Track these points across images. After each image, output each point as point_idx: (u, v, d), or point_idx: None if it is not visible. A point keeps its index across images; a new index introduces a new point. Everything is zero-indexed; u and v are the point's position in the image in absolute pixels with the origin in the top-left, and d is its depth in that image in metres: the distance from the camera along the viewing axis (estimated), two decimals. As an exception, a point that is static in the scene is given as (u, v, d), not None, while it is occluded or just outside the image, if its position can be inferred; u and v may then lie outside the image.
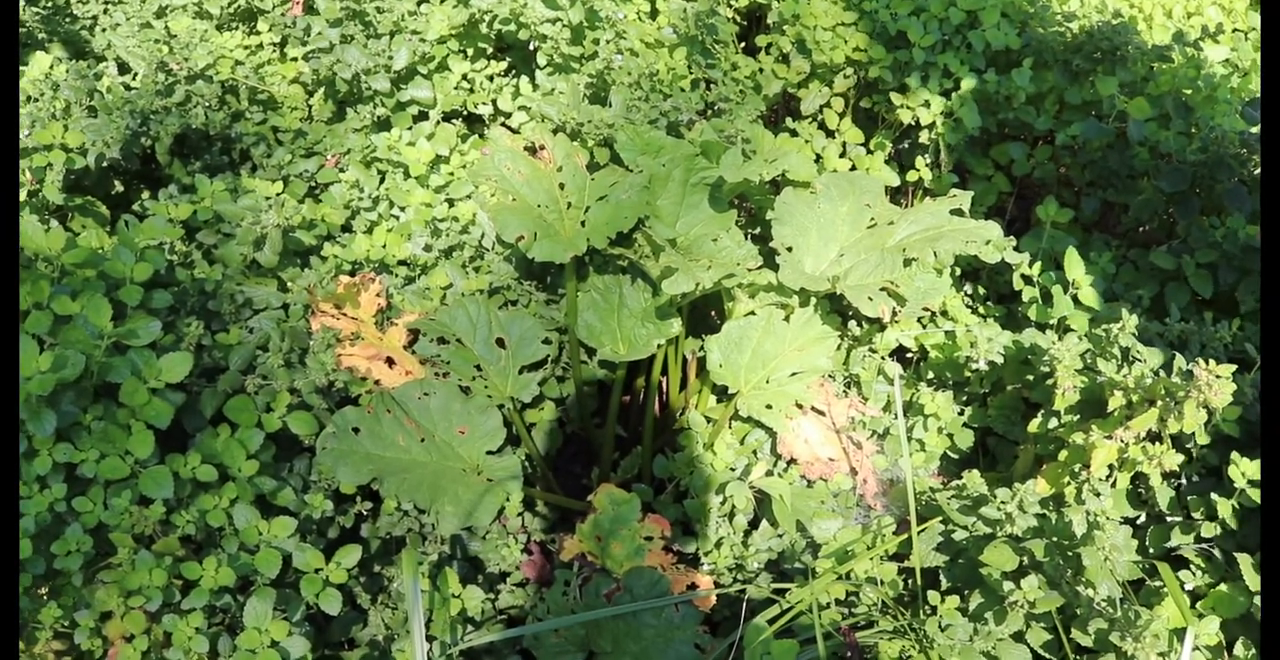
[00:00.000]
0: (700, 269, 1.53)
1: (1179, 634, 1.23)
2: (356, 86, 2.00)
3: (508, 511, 1.57)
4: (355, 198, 1.88)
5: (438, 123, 1.98)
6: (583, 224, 1.65)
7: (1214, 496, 1.31)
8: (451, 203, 1.88)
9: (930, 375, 1.67)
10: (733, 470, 1.61)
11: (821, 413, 1.65)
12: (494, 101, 2.01)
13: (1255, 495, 1.29)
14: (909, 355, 1.71)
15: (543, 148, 1.67)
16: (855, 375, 1.68)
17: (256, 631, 1.40)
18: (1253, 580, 1.23)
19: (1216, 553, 1.28)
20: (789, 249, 1.64)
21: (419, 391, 1.61)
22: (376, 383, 1.64)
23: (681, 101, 1.80)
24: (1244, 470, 1.31)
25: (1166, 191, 1.71)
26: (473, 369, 1.65)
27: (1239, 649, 1.22)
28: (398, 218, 1.89)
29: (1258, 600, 1.23)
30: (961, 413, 1.60)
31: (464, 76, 2.01)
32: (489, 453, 1.60)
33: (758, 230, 1.83)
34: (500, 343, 1.67)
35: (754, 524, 1.60)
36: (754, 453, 1.63)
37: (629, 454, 1.77)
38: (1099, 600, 1.23)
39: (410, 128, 1.97)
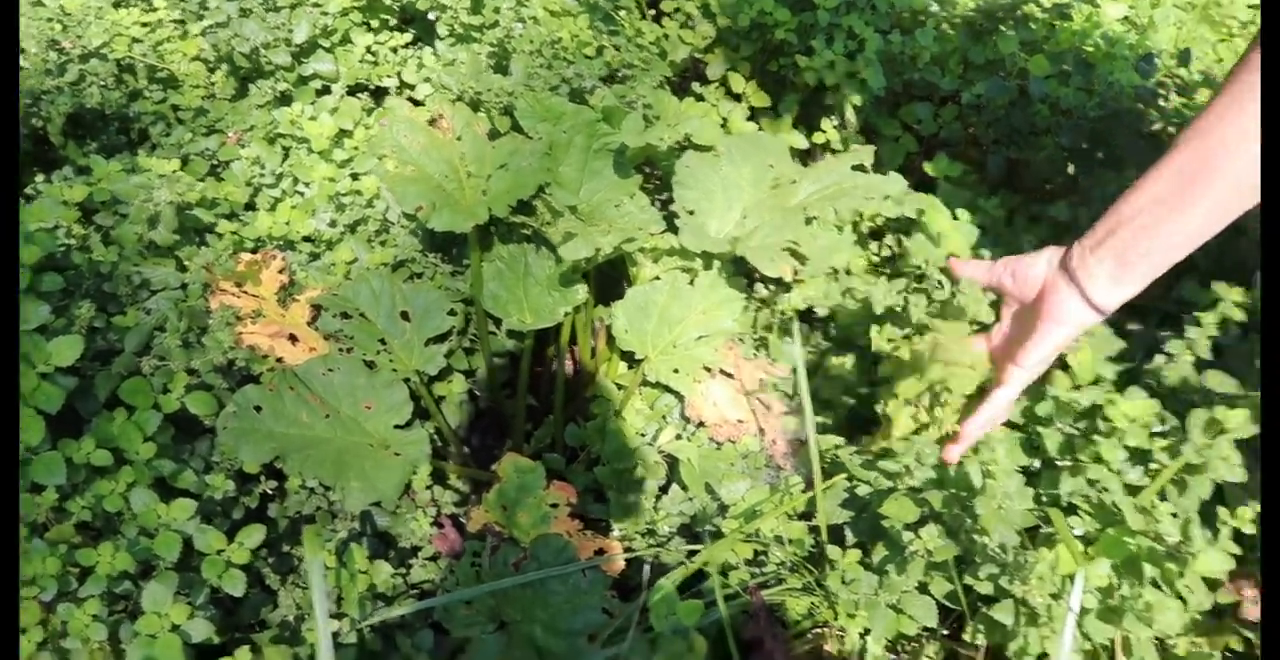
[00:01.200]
0: (599, 234, 1.52)
1: (1074, 578, 1.25)
2: (257, 62, 1.96)
3: (416, 485, 1.56)
4: (257, 175, 1.85)
5: (342, 97, 1.95)
6: (484, 193, 1.63)
7: (1098, 439, 1.32)
8: (356, 177, 1.85)
9: (837, 334, 1.67)
10: (642, 435, 1.60)
11: (730, 375, 1.65)
12: (399, 74, 1.98)
13: (1139, 436, 1.31)
14: (817, 315, 1.71)
15: (442, 117, 1.65)
16: (764, 337, 1.68)
17: (156, 616, 1.38)
18: (1135, 522, 1.25)
19: (1105, 497, 1.29)
20: (691, 213, 1.63)
21: (323, 367, 1.58)
22: (279, 360, 1.61)
23: (584, 69, 1.78)
24: (1124, 410, 1.32)
25: (1067, 147, 1.73)
26: (377, 343, 1.63)
27: (1124, 589, 1.24)
28: (302, 194, 1.86)
29: (1142, 541, 1.25)
30: (865, 371, 1.61)
31: (367, 49, 1.98)
32: (396, 427, 1.59)
33: (667, 196, 1.82)
34: (405, 316, 1.65)
35: (665, 489, 1.60)
36: (664, 417, 1.63)
37: (542, 424, 1.76)
38: (993, 547, 1.24)
39: (313, 102, 1.94)
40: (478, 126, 1.65)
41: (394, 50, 1.99)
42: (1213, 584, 1.31)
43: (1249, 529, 1.19)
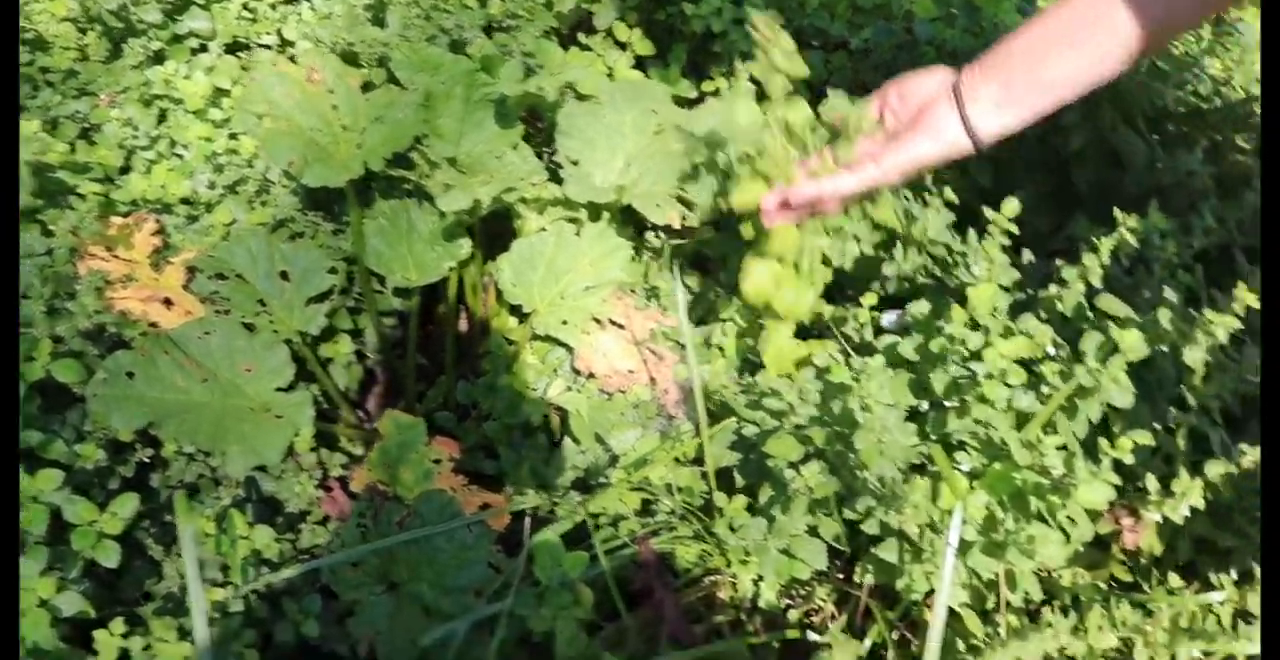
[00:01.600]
0: (478, 185, 1.49)
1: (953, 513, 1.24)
2: (128, 20, 1.88)
3: (299, 448, 1.52)
4: (130, 137, 1.78)
5: (219, 55, 1.88)
6: (359, 147, 1.58)
7: (981, 379, 1.32)
8: (235, 137, 1.79)
9: (732, 281, 1.65)
10: (533, 389, 1.58)
11: (622, 326, 1.62)
12: (279, 31, 1.92)
13: (1018, 375, 1.31)
14: (710, 263, 1.69)
15: (315, 71, 1.59)
16: (655, 286, 1.66)
17: (23, 591, 1.33)
18: (1021, 456, 1.25)
19: (992, 434, 1.29)
20: (575, 162, 1.60)
21: (199, 331, 1.53)
22: (153, 325, 1.55)
23: (464, 19, 1.73)
24: (1002, 351, 1.32)
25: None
26: (256, 304, 1.58)
27: (1009, 522, 1.24)
28: (181, 156, 1.80)
29: (1026, 474, 1.24)
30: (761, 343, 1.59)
31: (244, 5, 1.91)
32: (278, 389, 1.54)
33: (554, 147, 1.78)
34: (284, 276, 1.60)
35: (558, 442, 1.58)
36: (555, 370, 1.60)
37: (436, 384, 1.72)
38: (872, 481, 1.24)
39: (188, 61, 1.87)
40: (351, 79, 1.60)
41: (272, 6, 1.92)
42: (1094, 515, 1.32)
43: (1128, 458, 1.20)
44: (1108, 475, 1.22)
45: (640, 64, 1.88)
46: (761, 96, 1.79)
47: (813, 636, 1.27)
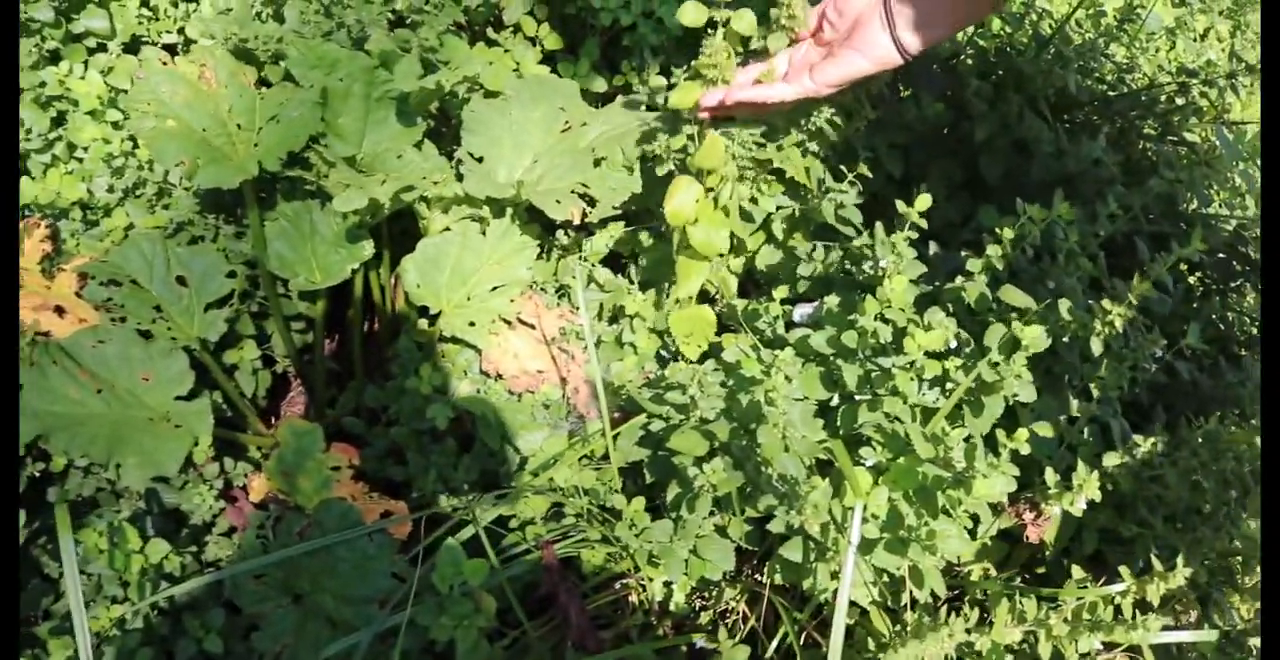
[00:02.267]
0: (375, 184, 1.45)
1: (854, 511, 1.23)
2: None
3: (198, 457, 1.47)
4: (24, 139, 1.72)
5: (118, 55, 1.83)
6: (256, 146, 1.53)
7: (893, 370, 1.30)
8: (134, 139, 1.74)
9: (643, 278, 1.63)
10: (441, 393, 1.54)
11: (532, 326, 1.59)
12: (181, 29, 1.87)
13: (931, 366, 1.29)
14: (622, 261, 1.66)
15: (206, 68, 1.55)
16: (566, 285, 1.63)
17: (-97, 612, 1.27)
18: (924, 450, 1.23)
19: (898, 427, 1.27)
20: (479, 159, 1.57)
21: (92, 339, 1.48)
22: (45, 334, 1.50)
23: (366, 13, 1.69)
24: (920, 342, 1.31)
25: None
26: (152, 311, 1.53)
27: (911, 518, 1.22)
28: (80, 160, 1.75)
29: (929, 468, 1.23)
30: (669, 311, 1.57)
31: (144, 3, 1.85)
32: (177, 398, 1.50)
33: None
34: (181, 281, 1.55)
35: (468, 446, 1.55)
36: (464, 372, 1.57)
37: (347, 389, 1.69)
38: (775, 477, 1.22)
39: (85, 61, 1.81)
40: (244, 77, 1.56)
41: (174, 3, 1.87)
42: (996, 509, 1.31)
43: (1024, 449, 1.19)
44: (1006, 467, 1.21)
45: (552, 59, 1.84)
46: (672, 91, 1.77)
47: (701, 643, 1.25)
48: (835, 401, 1.41)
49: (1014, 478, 1.22)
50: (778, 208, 1.58)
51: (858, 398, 1.37)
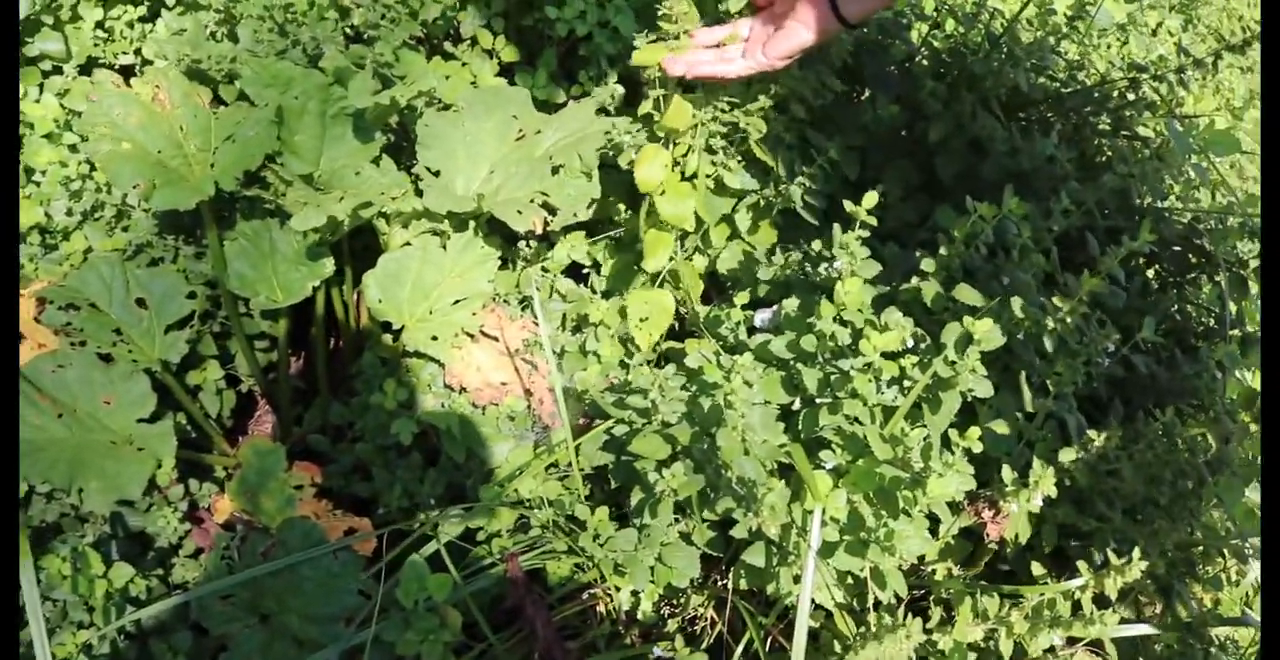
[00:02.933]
0: (333, 201, 1.45)
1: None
2: (-24, 45, 1.82)
3: (160, 479, 1.47)
4: (-20, 165, 1.71)
5: (74, 77, 1.83)
6: (212, 167, 1.53)
7: (851, 372, 1.31)
8: (92, 163, 1.73)
9: (605, 287, 1.64)
10: (405, 407, 1.54)
11: (495, 338, 1.59)
12: (138, 50, 1.86)
13: (888, 367, 1.30)
14: (584, 271, 1.66)
15: (160, 90, 1.55)
16: (529, 297, 1.63)
17: None
18: (881, 450, 1.24)
19: (857, 430, 1.28)
20: (436, 173, 1.57)
21: (52, 364, 1.48)
22: (4, 360, 1.50)
23: (320, 31, 1.69)
24: (876, 343, 1.31)
25: (820, 80, 1.71)
26: (112, 334, 1.53)
27: (870, 520, 1.23)
28: (38, 183, 1.74)
29: (887, 469, 1.24)
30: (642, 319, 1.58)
31: (99, 24, 1.85)
32: (140, 421, 1.50)
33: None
34: (141, 303, 1.55)
35: (435, 460, 1.55)
36: (428, 386, 1.57)
37: (312, 406, 1.69)
38: (734, 480, 1.22)
39: (41, 84, 1.81)
40: (199, 98, 1.56)
41: (130, 25, 1.87)
42: (955, 508, 1.32)
43: (977, 447, 1.19)
44: (961, 466, 1.22)
45: (510, 71, 1.85)
46: (629, 99, 1.78)
47: (660, 652, 1.25)
48: (797, 405, 1.41)
49: (972, 476, 1.23)
50: (745, 190, 1.58)
51: (818, 401, 1.37)
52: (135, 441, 1.48)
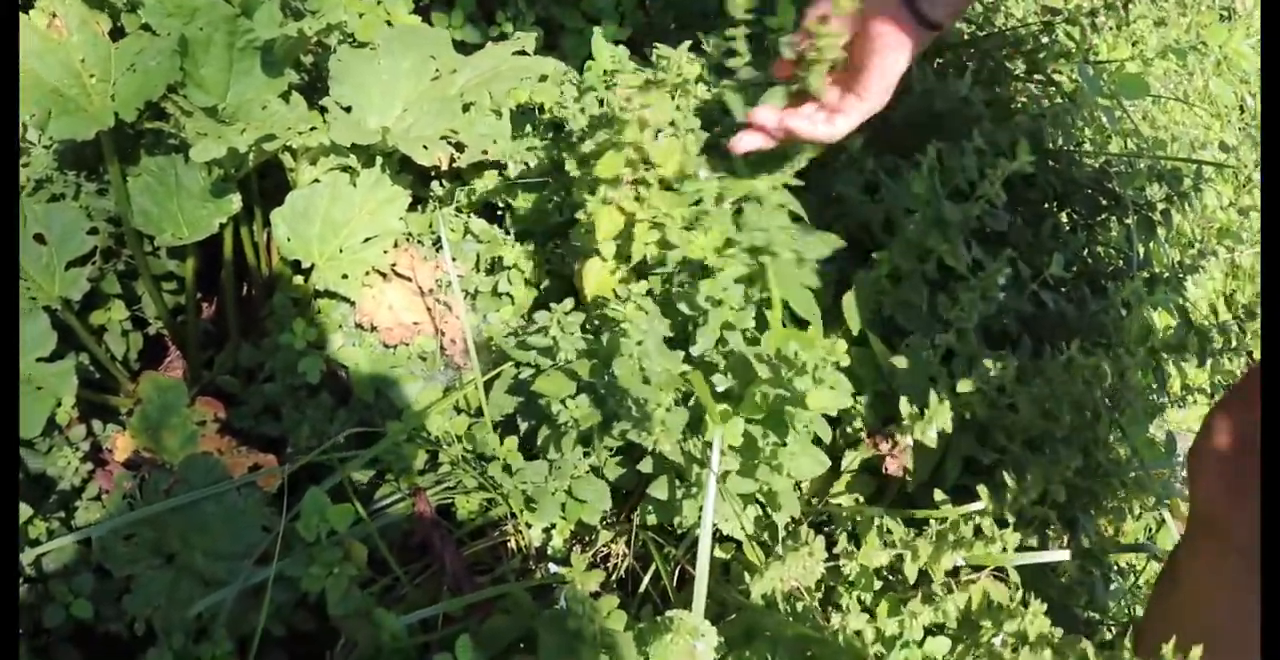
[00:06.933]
0: (234, 133, 1.41)
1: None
2: None
3: (60, 418, 1.44)
4: None
5: (-28, 10, 1.76)
6: (113, 98, 1.49)
7: (701, 284, 1.31)
8: (-10, 97, 1.67)
9: (518, 228, 1.62)
10: (316, 347, 1.52)
11: (408, 278, 1.57)
12: (41, -15, 1.80)
13: (777, 312, 1.30)
14: (498, 211, 1.65)
15: (56, 17, 1.49)
16: (441, 236, 1.61)
17: None
18: (761, 371, 1.23)
19: (750, 355, 1.27)
20: (348, 109, 1.54)
21: (-56, 302, 1.43)
22: (-106, 298, 1.45)
23: (228, -38, 1.64)
24: (700, 244, 1.31)
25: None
26: (9, 271, 1.48)
27: (760, 441, 1.23)
28: (-66, 120, 1.68)
29: (765, 387, 1.23)
30: (547, 260, 1.56)
31: (-2, -43, 1.78)
32: (39, 359, 1.45)
33: (334, 96, 1.71)
34: (40, 239, 1.50)
35: (345, 399, 1.53)
36: (339, 326, 1.54)
37: (224, 348, 1.65)
38: (632, 407, 1.22)
39: (-64, 17, 1.74)
40: (97, 26, 1.51)
41: (30, -43, 1.80)
42: (855, 441, 1.33)
43: (844, 361, 1.18)
44: (833, 379, 1.21)
45: (426, 10, 1.81)
46: (548, 44, 1.75)
47: (555, 569, 1.25)
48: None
49: (850, 393, 1.23)
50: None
51: (699, 324, 1.36)
52: (34, 381, 1.44)
